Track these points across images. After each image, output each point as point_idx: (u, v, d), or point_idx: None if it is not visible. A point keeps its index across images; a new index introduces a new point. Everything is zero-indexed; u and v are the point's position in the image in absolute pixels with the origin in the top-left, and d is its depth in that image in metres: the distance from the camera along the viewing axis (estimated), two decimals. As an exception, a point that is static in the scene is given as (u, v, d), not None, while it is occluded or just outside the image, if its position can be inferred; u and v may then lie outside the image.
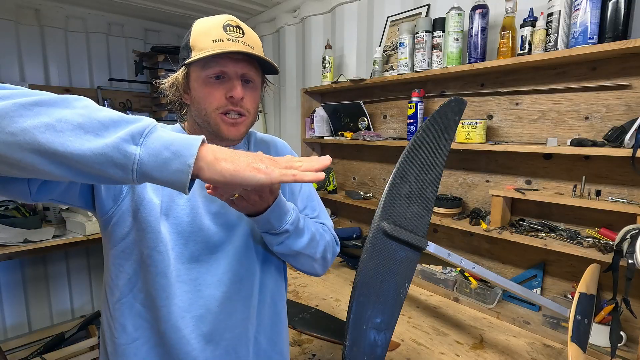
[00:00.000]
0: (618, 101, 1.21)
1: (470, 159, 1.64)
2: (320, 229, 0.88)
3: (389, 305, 0.73)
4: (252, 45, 0.74)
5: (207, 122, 0.75)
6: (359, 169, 2.20)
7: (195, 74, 0.74)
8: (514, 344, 1.25)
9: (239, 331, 0.80)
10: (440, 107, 0.89)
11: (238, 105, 0.75)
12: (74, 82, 2.82)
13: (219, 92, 0.74)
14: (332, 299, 1.59)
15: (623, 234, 1.06)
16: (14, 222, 2.26)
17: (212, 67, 0.72)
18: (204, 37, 0.72)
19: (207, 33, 0.72)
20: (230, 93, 0.74)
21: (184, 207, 0.75)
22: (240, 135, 0.78)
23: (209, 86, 0.74)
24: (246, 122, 0.78)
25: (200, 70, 0.73)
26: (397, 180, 0.78)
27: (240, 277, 0.80)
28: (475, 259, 1.64)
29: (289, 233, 0.76)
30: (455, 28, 1.49)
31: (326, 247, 0.87)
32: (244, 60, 0.74)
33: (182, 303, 0.74)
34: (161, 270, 0.72)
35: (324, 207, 0.99)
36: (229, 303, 0.78)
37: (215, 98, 0.74)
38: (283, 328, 0.92)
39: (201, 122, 0.77)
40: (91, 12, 2.82)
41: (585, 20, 1.14)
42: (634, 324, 1.21)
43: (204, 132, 0.77)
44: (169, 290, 0.73)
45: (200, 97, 0.74)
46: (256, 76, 0.78)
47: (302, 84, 2.55)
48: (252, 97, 0.78)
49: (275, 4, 2.66)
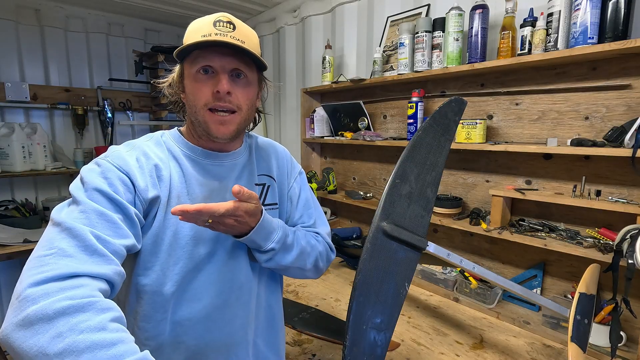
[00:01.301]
0: (618, 101, 1.21)
1: (470, 159, 1.64)
2: (313, 239, 0.88)
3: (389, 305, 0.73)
4: (242, 39, 0.71)
5: (197, 120, 0.74)
6: (359, 169, 2.20)
7: (187, 71, 0.74)
8: (514, 344, 1.25)
9: (239, 336, 0.81)
10: (440, 107, 0.89)
11: (225, 100, 0.72)
12: (74, 82, 2.82)
13: (206, 88, 0.72)
14: (332, 299, 1.59)
15: (623, 234, 1.06)
16: (14, 222, 2.27)
17: (199, 62, 0.72)
18: (194, 33, 0.72)
19: (197, 30, 0.72)
20: (217, 88, 0.71)
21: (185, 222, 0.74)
22: (230, 134, 0.75)
23: (198, 81, 0.73)
24: (237, 120, 0.75)
25: (189, 66, 0.73)
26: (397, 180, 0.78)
27: (240, 284, 0.81)
28: (475, 259, 1.64)
29: (276, 251, 0.78)
30: (455, 28, 1.49)
31: (318, 257, 0.87)
32: (232, 54, 0.71)
33: (183, 312, 0.75)
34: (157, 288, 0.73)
35: (323, 211, 0.99)
36: (229, 310, 0.79)
37: (203, 93, 0.72)
38: (280, 329, 0.93)
39: (194, 120, 0.76)
40: (91, 12, 2.81)
41: (585, 20, 1.14)
42: (634, 324, 1.21)
43: (198, 132, 0.77)
44: (167, 306, 0.74)
45: (190, 93, 0.74)
46: (249, 71, 0.75)
47: (302, 84, 2.55)
48: (244, 92, 0.74)
49: (275, 4, 2.66)
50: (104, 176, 0.66)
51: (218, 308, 0.77)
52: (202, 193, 0.76)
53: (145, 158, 0.73)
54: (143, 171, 0.71)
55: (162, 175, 0.73)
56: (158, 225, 0.72)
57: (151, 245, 0.72)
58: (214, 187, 0.78)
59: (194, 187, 0.76)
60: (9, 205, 2.46)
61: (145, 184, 0.70)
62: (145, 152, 0.74)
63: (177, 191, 0.74)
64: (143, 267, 0.73)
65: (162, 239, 0.73)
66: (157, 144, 0.78)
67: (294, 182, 0.93)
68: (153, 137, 0.80)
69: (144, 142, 0.77)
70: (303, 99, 2.32)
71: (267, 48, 2.89)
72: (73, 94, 2.76)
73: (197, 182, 0.77)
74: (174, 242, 0.73)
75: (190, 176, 0.76)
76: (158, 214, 0.72)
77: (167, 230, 0.73)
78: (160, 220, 0.72)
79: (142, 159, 0.72)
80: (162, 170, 0.73)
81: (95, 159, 0.71)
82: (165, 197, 0.73)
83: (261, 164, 0.88)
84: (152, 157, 0.74)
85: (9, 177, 2.45)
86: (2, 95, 2.43)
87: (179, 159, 0.77)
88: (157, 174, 0.73)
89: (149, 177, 0.71)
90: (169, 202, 0.73)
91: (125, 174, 0.68)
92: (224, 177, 0.80)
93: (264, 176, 0.87)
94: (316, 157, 2.45)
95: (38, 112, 2.66)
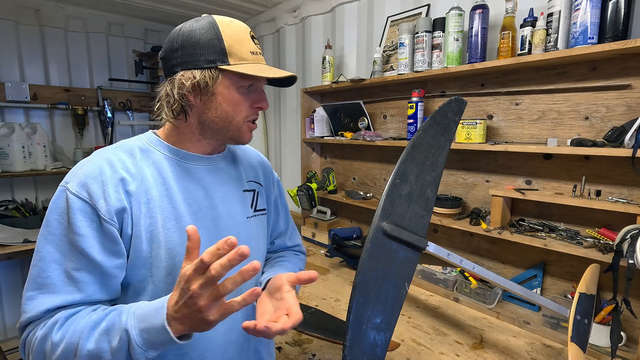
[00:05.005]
0: (618, 101, 1.21)
1: (470, 159, 1.64)
2: (301, 262, 1.00)
3: (389, 305, 0.73)
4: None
5: (228, 128, 0.74)
6: (359, 169, 2.20)
7: (230, 81, 0.71)
8: (514, 344, 1.25)
9: (240, 343, 0.82)
10: (440, 107, 0.89)
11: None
12: (74, 82, 2.82)
13: (248, 102, 0.74)
14: (332, 299, 1.59)
15: (623, 234, 1.06)
16: (14, 222, 2.27)
17: (249, 79, 0.72)
18: (239, 45, 0.71)
19: (240, 42, 0.71)
20: (260, 104, 0.76)
21: (174, 231, 0.71)
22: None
23: (242, 94, 0.73)
24: None
25: (238, 78, 0.71)
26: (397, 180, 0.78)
27: (240, 292, 0.81)
28: (475, 259, 1.64)
29: None
30: (455, 28, 1.49)
31: (300, 267, 0.97)
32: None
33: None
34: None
35: (294, 223, 1.07)
36: (230, 319, 0.79)
37: (245, 107, 0.74)
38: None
39: (219, 127, 0.74)
40: (91, 12, 2.81)
41: (585, 20, 1.14)
42: (634, 324, 1.21)
43: (218, 136, 0.76)
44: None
45: (229, 103, 0.72)
46: None
47: (302, 84, 2.55)
48: None
49: (275, 4, 2.66)
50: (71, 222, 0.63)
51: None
52: (185, 196, 0.74)
53: (111, 170, 0.67)
54: (106, 187, 0.65)
55: (130, 190, 0.67)
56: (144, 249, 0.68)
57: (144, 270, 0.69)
58: (198, 192, 0.76)
59: (175, 192, 0.72)
60: (9, 205, 2.46)
61: (108, 204, 0.65)
62: (112, 163, 0.68)
63: (155, 200, 0.70)
64: (134, 293, 0.70)
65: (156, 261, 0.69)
66: (128, 152, 0.72)
67: (276, 190, 0.98)
68: (124, 146, 0.74)
69: (111, 151, 0.71)
70: (303, 99, 2.32)
71: (267, 48, 2.89)
72: (73, 94, 2.76)
73: (181, 186, 0.73)
74: (169, 259, 0.70)
75: (172, 180, 0.73)
76: (134, 229, 0.67)
77: (159, 250, 0.69)
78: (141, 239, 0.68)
79: (107, 171, 0.67)
80: (129, 185, 0.68)
81: (62, 189, 0.66)
82: (138, 210, 0.67)
83: (249, 170, 0.90)
84: (118, 170, 0.68)
85: (9, 177, 2.45)
86: (2, 95, 2.43)
87: (158, 165, 0.73)
88: (125, 189, 0.67)
89: (113, 193, 0.66)
90: (149, 213, 0.69)
91: (88, 203, 0.64)
92: (211, 181, 0.78)
93: (252, 182, 0.89)
94: (316, 157, 2.45)
95: (38, 112, 2.66)
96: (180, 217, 0.72)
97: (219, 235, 0.77)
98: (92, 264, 0.64)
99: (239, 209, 0.83)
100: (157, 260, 0.69)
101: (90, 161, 0.69)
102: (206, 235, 0.75)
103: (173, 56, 0.71)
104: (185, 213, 0.72)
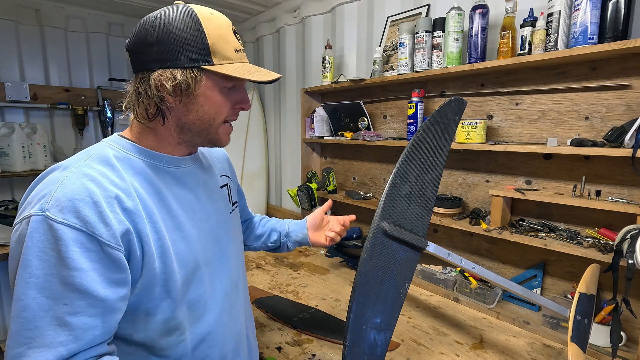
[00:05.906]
0: (618, 101, 1.21)
1: (470, 159, 1.64)
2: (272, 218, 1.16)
3: (389, 305, 0.73)
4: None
5: (208, 131, 0.70)
6: (359, 169, 2.20)
7: (213, 82, 0.66)
8: (514, 344, 1.25)
9: (242, 332, 0.86)
10: (440, 107, 0.89)
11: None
12: (74, 82, 2.82)
13: (230, 102, 0.70)
14: (332, 299, 1.59)
15: (623, 234, 1.06)
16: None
17: (233, 80, 0.67)
18: (224, 43, 0.65)
19: (224, 39, 0.65)
20: (242, 105, 0.72)
21: (179, 240, 0.69)
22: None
23: (224, 95, 0.68)
24: None
25: (222, 79, 0.66)
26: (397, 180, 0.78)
27: (236, 279, 0.84)
28: (475, 259, 1.64)
29: None
30: (455, 28, 1.49)
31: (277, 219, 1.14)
32: None
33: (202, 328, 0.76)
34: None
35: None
36: (234, 310, 0.83)
37: (226, 108, 0.70)
38: (252, 313, 1.00)
39: (199, 130, 0.69)
40: (91, 12, 2.81)
41: (585, 20, 1.14)
42: (634, 324, 1.21)
43: (197, 139, 0.72)
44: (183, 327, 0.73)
45: (212, 105, 0.67)
46: None
47: (302, 84, 2.55)
48: None
49: (275, 4, 2.66)
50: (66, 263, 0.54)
51: (227, 311, 0.80)
52: (179, 203, 0.71)
53: (99, 188, 0.58)
54: (101, 209, 0.57)
55: (128, 207, 0.61)
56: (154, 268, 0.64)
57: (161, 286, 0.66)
58: (189, 196, 0.74)
59: (169, 201, 0.69)
60: (9, 205, 2.46)
61: (110, 228, 0.58)
62: (95, 179, 0.59)
63: (155, 214, 0.65)
64: (146, 315, 0.67)
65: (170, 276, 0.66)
66: (105, 163, 0.63)
67: (236, 177, 1.00)
68: (95, 156, 0.64)
69: (84, 164, 0.61)
70: (303, 99, 2.32)
71: (267, 48, 2.89)
72: (73, 94, 2.76)
73: (172, 194, 0.70)
74: (182, 270, 0.68)
75: (163, 188, 0.68)
76: (145, 248, 0.62)
77: (172, 265, 0.66)
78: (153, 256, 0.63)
79: (94, 189, 0.58)
80: (125, 202, 0.61)
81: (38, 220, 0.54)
82: (143, 228, 0.62)
83: (218, 165, 0.90)
84: (109, 187, 0.60)
85: (9, 177, 2.45)
86: (2, 95, 2.43)
87: (144, 174, 0.67)
88: (122, 207, 0.60)
89: (111, 214, 0.58)
90: (154, 228, 0.64)
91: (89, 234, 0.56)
92: (195, 183, 0.76)
93: (224, 177, 0.90)
94: (316, 157, 2.45)
95: (38, 112, 2.66)
96: (181, 226, 0.69)
97: (215, 236, 0.78)
98: (94, 302, 0.56)
99: (223, 205, 0.84)
100: (171, 275, 0.66)
101: (64, 180, 0.57)
102: (205, 238, 0.75)
103: (147, 51, 0.63)
104: (184, 220, 0.70)
